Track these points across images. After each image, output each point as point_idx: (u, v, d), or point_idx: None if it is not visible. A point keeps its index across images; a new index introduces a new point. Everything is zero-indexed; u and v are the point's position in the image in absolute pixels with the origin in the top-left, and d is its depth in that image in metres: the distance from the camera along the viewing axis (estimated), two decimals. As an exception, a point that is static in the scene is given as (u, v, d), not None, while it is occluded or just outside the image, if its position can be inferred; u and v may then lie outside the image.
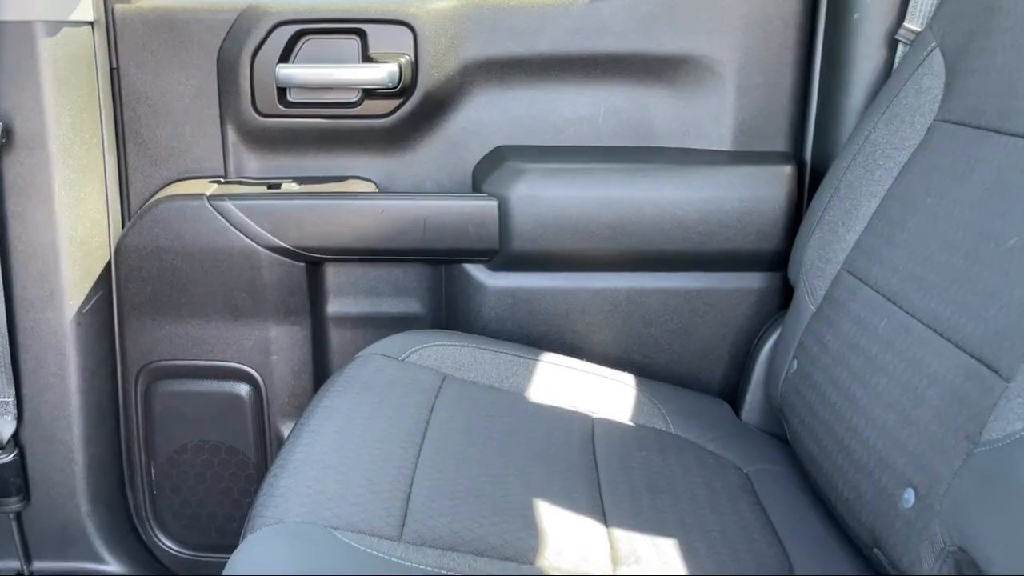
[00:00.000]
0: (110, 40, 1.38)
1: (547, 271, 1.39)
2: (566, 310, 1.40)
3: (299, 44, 1.38)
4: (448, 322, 1.45)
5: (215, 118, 1.42)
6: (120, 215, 1.44)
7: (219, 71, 1.40)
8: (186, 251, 1.36)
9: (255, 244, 1.36)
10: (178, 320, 1.40)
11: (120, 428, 1.46)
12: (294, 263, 1.38)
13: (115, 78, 1.40)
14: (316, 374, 1.45)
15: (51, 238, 1.31)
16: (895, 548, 0.86)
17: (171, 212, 1.36)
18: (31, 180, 1.29)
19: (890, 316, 0.98)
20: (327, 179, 1.44)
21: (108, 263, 1.40)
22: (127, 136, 1.43)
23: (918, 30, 1.21)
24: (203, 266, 1.37)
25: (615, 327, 1.40)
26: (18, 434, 1.36)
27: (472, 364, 1.25)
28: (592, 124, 1.44)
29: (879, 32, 1.27)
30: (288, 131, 1.42)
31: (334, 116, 1.41)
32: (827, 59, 1.36)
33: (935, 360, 0.88)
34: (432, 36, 1.38)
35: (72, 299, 1.34)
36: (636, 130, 1.43)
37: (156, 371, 1.43)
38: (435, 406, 1.12)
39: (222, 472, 1.46)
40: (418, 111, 1.41)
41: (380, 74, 1.35)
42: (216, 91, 1.41)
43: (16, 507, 1.38)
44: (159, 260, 1.37)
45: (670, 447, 1.15)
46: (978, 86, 1.01)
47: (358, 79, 1.37)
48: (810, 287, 1.18)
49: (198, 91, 1.41)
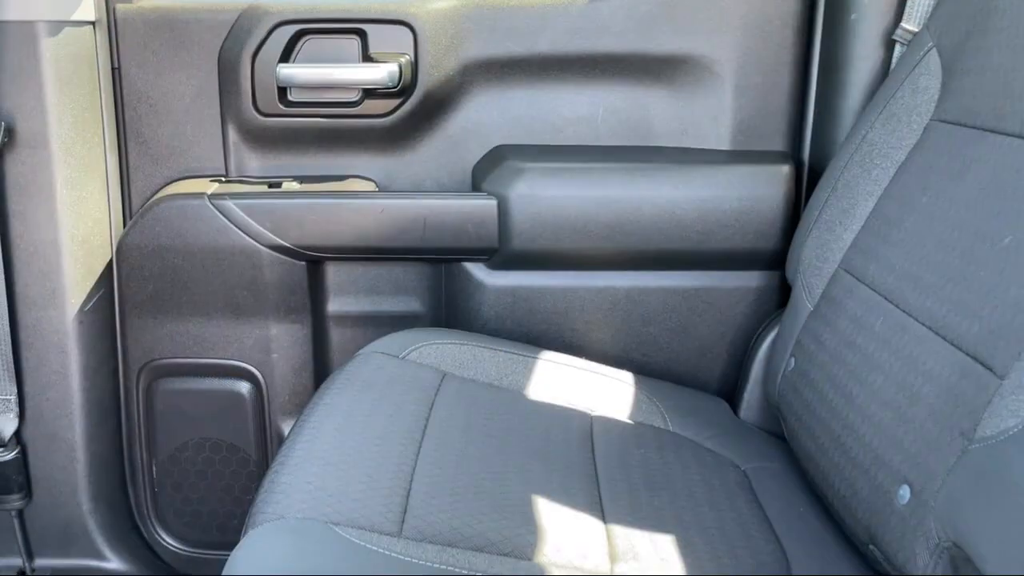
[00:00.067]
0: (112, 40, 1.39)
1: (546, 270, 1.40)
2: (565, 309, 1.40)
3: (300, 44, 1.39)
4: (448, 320, 1.45)
5: (216, 117, 1.43)
6: (121, 214, 1.44)
7: (220, 71, 1.40)
8: (187, 250, 1.37)
9: (256, 243, 1.37)
10: (179, 318, 1.40)
11: (122, 426, 1.46)
12: (295, 262, 1.39)
13: (116, 78, 1.41)
14: (317, 372, 1.45)
15: (53, 237, 1.31)
16: (891, 544, 0.86)
17: (172, 211, 1.36)
18: (33, 179, 1.29)
19: (886, 314, 0.99)
20: (327, 178, 1.45)
21: (110, 262, 1.41)
22: (128, 135, 1.43)
23: (915, 30, 1.21)
24: (204, 265, 1.37)
25: (614, 326, 1.41)
26: (20, 432, 1.37)
27: (472, 362, 1.26)
28: (591, 124, 1.44)
29: (876, 32, 1.28)
30: (289, 130, 1.43)
31: (334, 116, 1.41)
32: (825, 59, 1.36)
33: (931, 358, 0.89)
34: (432, 36, 1.38)
35: (74, 297, 1.34)
36: (635, 130, 1.44)
37: (157, 369, 1.43)
38: (435, 404, 1.13)
39: (223, 470, 1.47)
40: (418, 111, 1.42)
41: (380, 74, 1.35)
42: (217, 91, 1.41)
43: (18, 504, 1.39)
44: (160, 259, 1.37)
45: (668, 445, 1.16)
46: (974, 86, 1.02)
47: (358, 79, 1.37)
48: (807, 286, 1.19)
49: (199, 91, 1.42)
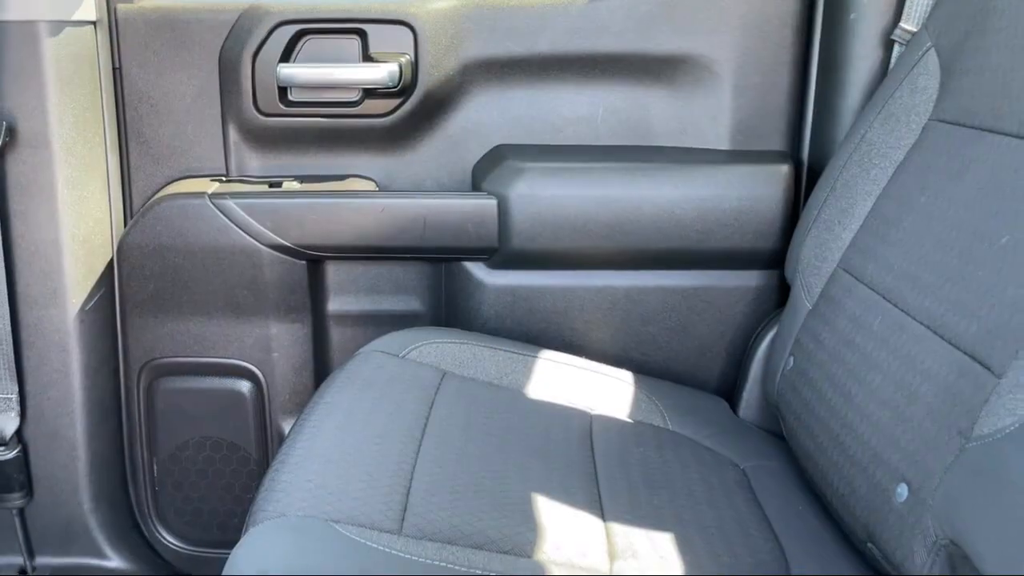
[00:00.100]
0: (113, 40, 1.39)
1: (546, 269, 1.40)
2: (565, 308, 1.41)
3: (300, 44, 1.39)
4: (448, 320, 1.46)
5: (217, 117, 1.43)
6: (122, 213, 1.44)
7: (221, 70, 1.41)
8: (188, 249, 1.37)
9: (256, 242, 1.37)
10: (180, 317, 1.41)
11: (122, 425, 1.47)
12: (295, 261, 1.39)
13: (117, 78, 1.41)
14: (317, 371, 1.46)
15: (54, 236, 1.31)
16: (888, 542, 0.87)
17: (173, 210, 1.37)
18: (34, 179, 1.30)
19: (885, 314, 0.99)
20: (328, 178, 1.45)
21: (111, 261, 1.41)
22: (129, 135, 1.44)
23: (914, 30, 1.22)
24: (205, 264, 1.38)
25: (614, 325, 1.41)
26: (21, 431, 1.37)
27: (471, 361, 1.26)
28: (591, 123, 1.44)
29: (875, 32, 1.28)
30: (289, 130, 1.43)
31: (335, 115, 1.41)
32: (824, 59, 1.37)
33: (928, 357, 0.89)
34: (432, 36, 1.38)
35: (75, 297, 1.34)
36: (634, 129, 1.44)
37: (158, 368, 1.43)
38: (435, 402, 1.13)
39: (223, 468, 1.47)
40: (418, 110, 1.42)
41: (380, 74, 1.36)
42: (218, 90, 1.42)
43: (19, 503, 1.39)
44: (161, 258, 1.38)
45: (667, 443, 1.16)
46: (972, 86, 1.02)
47: (359, 79, 1.38)
48: (806, 285, 1.19)
49: (200, 90, 1.42)
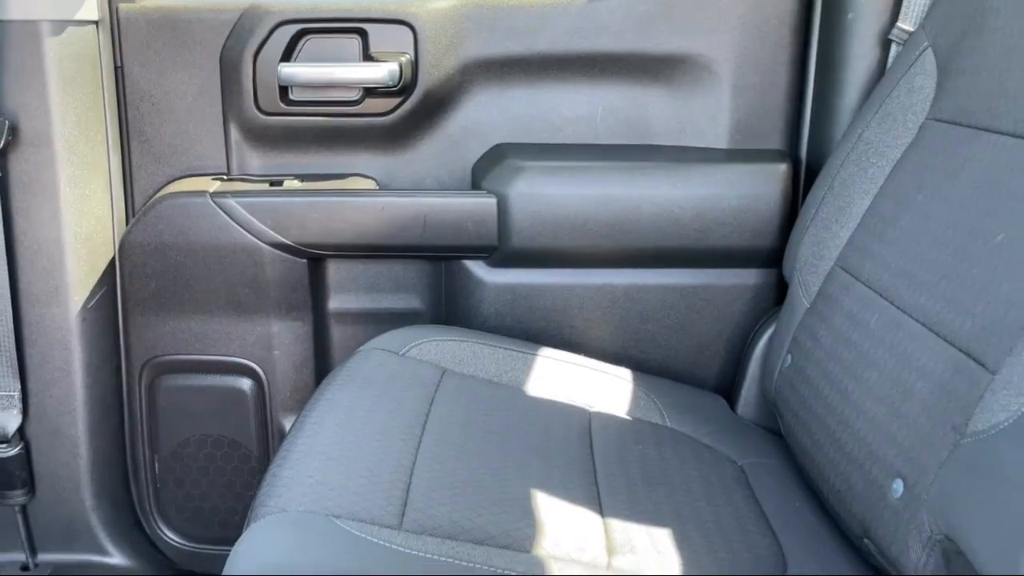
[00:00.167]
0: (114, 39, 1.40)
1: (546, 267, 1.40)
2: (564, 306, 1.41)
3: (301, 43, 1.40)
4: (448, 318, 1.46)
5: (218, 116, 1.44)
6: (124, 212, 1.45)
7: (222, 70, 1.41)
8: (189, 247, 1.38)
9: (257, 240, 1.38)
10: (181, 316, 1.41)
11: (124, 422, 1.47)
12: (296, 259, 1.40)
13: (119, 77, 1.42)
14: (318, 369, 1.46)
15: (56, 235, 1.32)
16: (884, 538, 0.87)
17: (174, 209, 1.37)
18: (36, 177, 1.30)
19: (881, 311, 1.00)
20: (328, 176, 1.46)
21: (112, 259, 1.42)
22: (131, 134, 1.44)
23: (911, 30, 1.22)
24: (206, 262, 1.38)
25: (613, 323, 1.42)
26: (23, 428, 1.38)
27: (471, 359, 1.27)
28: (590, 122, 1.45)
29: (873, 32, 1.29)
30: (290, 129, 1.44)
31: (335, 114, 1.42)
32: (822, 58, 1.37)
33: (924, 354, 0.90)
34: (432, 35, 1.39)
35: (77, 295, 1.35)
36: (634, 128, 1.45)
37: (160, 366, 1.44)
38: (435, 400, 1.14)
39: (224, 466, 1.48)
40: (418, 109, 1.43)
41: (381, 73, 1.36)
42: (219, 89, 1.42)
43: (21, 500, 1.40)
44: (163, 256, 1.38)
45: (666, 440, 1.17)
46: (969, 85, 1.03)
47: (359, 78, 1.38)
48: (804, 283, 1.20)
49: (201, 89, 1.43)
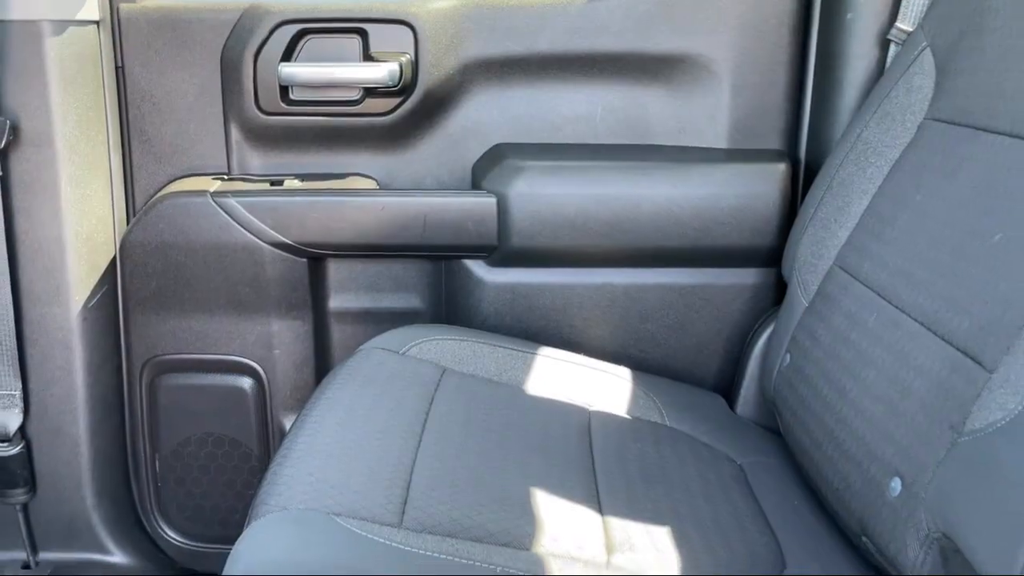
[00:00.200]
0: (115, 39, 1.40)
1: (545, 267, 1.41)
2: (564, 305, 1.42)
3: (301, 43, 1.40)
4: (448, 317, 1.47)
5: (218, 116, 1.44)
6: (125, 211, 1.45)
7: (222, 70, 1.42)
8: (190, 247, 1.38)
9: (258, 240, 1.38)
10: (182, 315, 1.42)
11: (125, 421, 1.48)
12: (296, 259, 1.40)
13: (120, 77, 1.42)
14: (318, 368, 1.47)
15: (57, 234, 1.32)
16: (882, 536, 0.88)
17: (175, 208, 1.38)
18: (38, 177, 1.31)
19: (880, 310, 1.00)
20: (329, 176, 1.46)
21: (113, 259, 1.42)
22: (132, 134, 1.45)
23: (909, 30, 1.23)
24: (207, 261, 1.39)
25: (612, 322, 1.42)
26: (25, 427, 1.38)
27: (471, 358, 1.27)
28: (590, 122, 1.45)
29: (872, 32, 1.29)
30: (290, 129, 1.44)
31: (336, 114, 1.42)
32: (821, 58, 1.38)
33: (922, 353, 0.90)
34: (432, 35, 1.39)
35: (78, 294, 1.35)
36: (633, 128, 1.45)
37: (160, 365, 1.44)
38: (435, 399, 1.14)
39: (225, 464, 1.48)
40: (418, 109, 1.43)
41: (381, 73, 1.37)
42: (219, 89, 1.43)
43: (23, 499, 1.40)
44: (163, 256, 1.39)
45: (665, 439, 1.17)
46: (967, 85, 1.03)
47: (359, 78, 1.39)
48: (803, 282, 1.20)
49: (202, 89, 1.43)
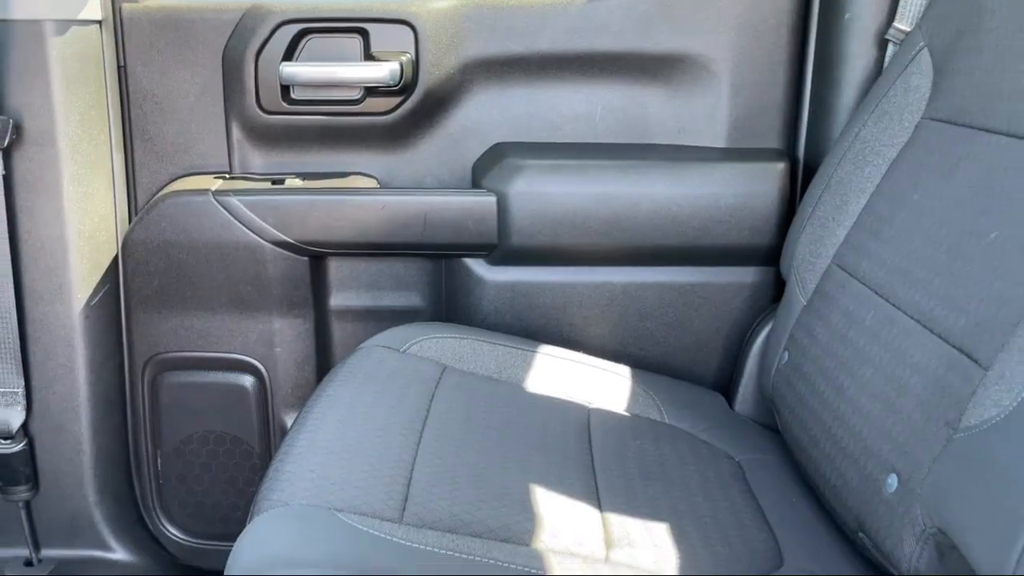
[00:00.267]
0: (118, 39, 1.41)
1: (545, 265, 1.41)
2: (564, 304, 1.42)
3: (302, 43, 1.41)
4: (448, 315, 1.47)
5: (220, 115, 1.45)
6: (127, 210, 1.46)
7: (224, 69, 1.42)
8: (192, 245, 1.39)
9: (259, 238, 1.38)
10: (184, 313, 1.42)
11: (127, 419, 1.48)
12: (297, 257, 1.41)
13: (122, 76, 1.43)
14: (319, 366, 1.47)
15: (60, 232, 1.33)
16: (879, 532, 0.88)
17: (177, 207, 1.38)
18: (40, 176, 1.31)
19: (877, 308, 1.01)
20: (330, 175, 1.47)
21: (115, 257, 1.43)
22: (134, 133, 1.45)
23: (907, 30, 1.23)
24: (208, 260, 1.39)
25: (611, 320, 1.43)
26: (27, 424, 1.39)
27: (471, 356, 1.28)
28: (589, 121, 1.46)
29: (870, 32, 1.29)
30: (291, 128, 1.44)
31: (336, 113, 1.43)
32: (819, 58, 1.38)
33: (918, 351, 0.91)
34: (433, 35, 1.40)
35: (80, 292, 1.36)
36: (632, 127, 1.46)
37: (162, 363, 1.45)
38: (435, 396, 1.15)
39: (227, 462, 1.49)
40: (419, 108, 1.44)
41: (382, 72, 1.37)
42: (221, 89, 1.43)
43: (25, 496, 1.41)
44: (165, 254, 1.39)
45: (664, 436, 1.18)
46: (964, 85, 1.04)
47: (360, 77, 1.39)
48: (801, 281, 1.21)
49: (203, 89, 1.43)
